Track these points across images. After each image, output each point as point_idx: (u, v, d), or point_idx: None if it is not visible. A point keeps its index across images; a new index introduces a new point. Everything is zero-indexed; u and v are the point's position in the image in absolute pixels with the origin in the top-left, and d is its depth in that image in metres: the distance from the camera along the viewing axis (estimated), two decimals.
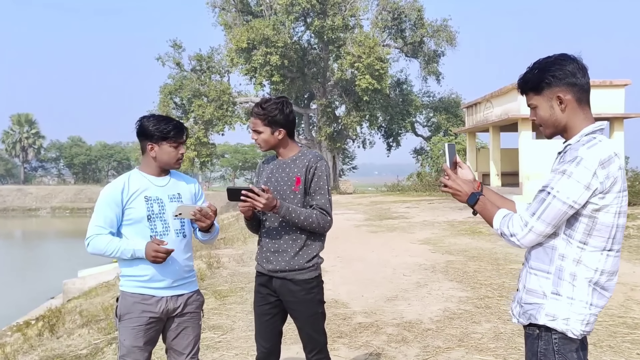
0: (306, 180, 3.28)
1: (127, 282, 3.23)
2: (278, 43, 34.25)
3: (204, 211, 3.18)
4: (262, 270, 3.38)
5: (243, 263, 10.43)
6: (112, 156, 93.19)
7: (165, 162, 3.27)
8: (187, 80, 38.01)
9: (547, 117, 2.42)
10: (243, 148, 71.36)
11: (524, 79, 2.47)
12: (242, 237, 14.24)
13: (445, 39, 40.38)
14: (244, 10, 39.16)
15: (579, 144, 2.31)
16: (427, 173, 37.00)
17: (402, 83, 44.28)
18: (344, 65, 35.74)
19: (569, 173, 2.24)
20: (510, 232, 2.35)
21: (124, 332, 3.19)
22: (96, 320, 6.89)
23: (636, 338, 5.49)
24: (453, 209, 20.66)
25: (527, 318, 2.42)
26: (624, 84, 21.61)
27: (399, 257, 10.74)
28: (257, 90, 37.73)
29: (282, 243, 3.29)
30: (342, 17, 35.86)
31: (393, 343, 5.55)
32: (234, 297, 7.62)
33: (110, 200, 3.18)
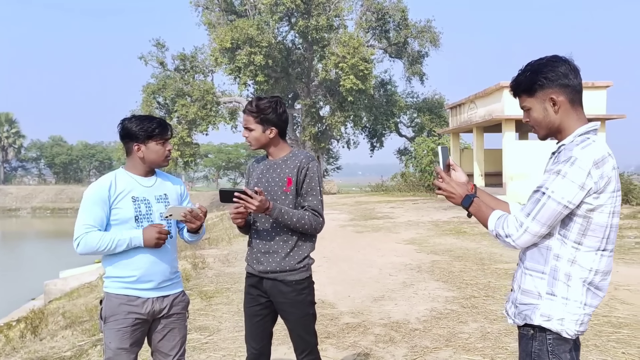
0: (298, 181, 3.25)
1: (112, 283, 3.18)
2: (262, 43, 34.13)
3: (194, 212, 3.15)
4: (252, 271, 3.34)
5: (228, 263, 10.38)
6: (93, 156, 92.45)
7: (154, 160, 3.23)
8: (171, 80, 37.74)
9: (541, 118, 2.42)
10: (227, 148, 71.08)
11: (517, 81, 2.46)
12: (227, 237, 14.17)
13: (429, 40, 40.48)
14: (227, 10, 38.97)
15: (573, 144, 2.31)
16: (411, 173, 37.10)
17: (386, 83, 44.36)
18: (328, 66, 35.71)
19: (563, 173, 2.23)
20: (505, 233, 2.34)
21: (110, 334, 3.13)
22: (80, 322, 6.80)
23: (621, 337, 5.52)
24: (437, 209, 20.73)
25: (522, 318, 2.42)
26: (605, 86, 21.84)
27: (384, 257, 10.74)
28: (241, 90, 37.59)
29: (272, 244, 3.25)
30: (326, 17, 35.81)
31: (381, 343, 5.53)
32: (220, 297, 7.57)
33: (98, 198, 3.12)
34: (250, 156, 71.18)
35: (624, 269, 9.04)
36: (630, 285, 7.74)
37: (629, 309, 6.55)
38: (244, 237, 14.33)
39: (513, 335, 5.67)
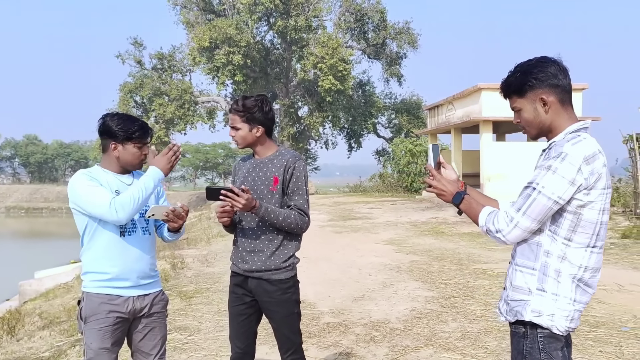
0: (284, 180, 3.24)
1: (92, 282, 3.12)
2: (241, 43, 34.05)
3: (176, 212, 3.12)
4: (237, 270, 3.33)
5: (207, 264, 10.33)
6: (69, 155, 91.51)
7: (128, 162, 3.18)
8: (148, 79, 37.46)
9: (532, 118, 2.45)
10: (204, 148, 70.71)
11: (507, 82, 2.49)
12: (206, 237, 14.11)
13: (407, 41, 40.69)
14: (206, 9, 38.78)
15: (563, 141, 2.33)
16: (389, 174, 37.22)
17: (364, 84, 44.50)
18: (307, 66, 35.74)
19: (554, 169, 2.26)
20: (495, 228, 2.36)
21: (90, 334, 3.08)
22: (57, 322, 6.73)
23: (598, 336, 5.59)
24: (415, 209, 20.82)
25: (513, 315, 2.44)
26: (581, 88, 22.10)
27: (364, 257, 10.77)
28: (219, 90, 37.49)
29: (258, 243, 3.24)
30: (305, 17, 35.83)
31: (362, 343, 5.55)
32: (199, 297, 7.54)
33: (93, 180, 3.07)
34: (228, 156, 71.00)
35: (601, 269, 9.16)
36: (606, 285, 7.84)
37: (605, 308, 6.64)
38: (222, 237, 14.31)
39: (492, 334, 5.73)
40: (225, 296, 7.57)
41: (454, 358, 5.09)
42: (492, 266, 9.53)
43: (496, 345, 5.39)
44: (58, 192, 60.52)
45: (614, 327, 5.89)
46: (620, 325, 5.96)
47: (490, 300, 7.09)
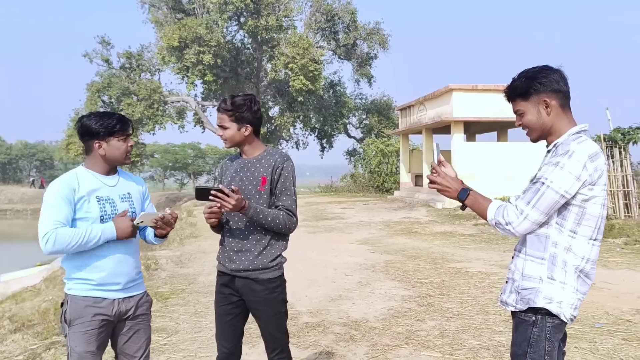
0: (272, 181, 3.23)
1: (76, 285, 3.07)
2: (211, 42, 33.80)
3: (165, 219, 3.09)
4: (224, 270, 3.31)
5: (182, 264, 10.24)
6: (34, 155, 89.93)
7: (116, 157, 3.14)
8: (116, 78, 36.92)
9: (535, 120, 2.61)
10: (173, 148, 70.05)
11: (513, 86, 2.64)
12: (179, 238, 13.99)
13: (378, 42, 40.81)
14: (175, 8, 38.41)
15: (569, 140, 2.50)
16: (360, 174, 37.37)
17: (335, 85, 44.52)
18: (277, 66, 35.65)
19: (561, 165, 2.41)
20: (505, 220, 2.48)
21: (75, 337, 3.02)
22: (30, 325, 6.58)
23: (572, 332, 5.68)
24: (388, 209, 20.95)
25: (525, 302, 2.54)
26: None
27: (339, 257, 10.79)
28: (189, 90, 37.15)
29: (245, 243, 3.23)
30: (276, 17, 35.73)
31: (341, 342, 5.56)
32: (175, 299, 7.46)
33: (64, 195, 3.00)
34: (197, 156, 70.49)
35: None
36: None
37: None
38: (195, 237, 14.23)
39: (470, 332, 5.79)
40: (202, 297, 7.57)
41: (434, 356, 5.12)
42: (466, 265, 9.62)
43: (474, 342, 5.44)
44: (22, 194, 59.37)
45: (587, 324, 6.01)
46: (594, 322, 6.08)
47: (466, 299, 7.16)
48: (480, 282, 8.14)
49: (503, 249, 11.49)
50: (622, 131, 15.82)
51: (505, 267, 9.15)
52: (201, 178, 73.53)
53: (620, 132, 15.80)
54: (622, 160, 15.66)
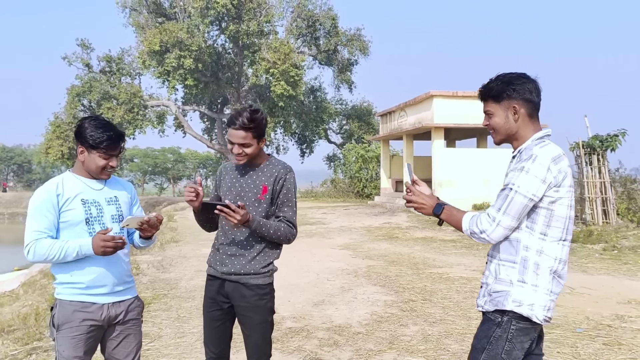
0: (274, 191, 3.24)
1: (65, 289, 3.06)
2: (192, 46, 33.69)
3: (151, 222, 3.08)
4: (215, 274, 3.30)
5: (163, 269, 10.18)
6: (11, 159, 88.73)
7: (91, 169, 3.12)
8: (96, 82, 36.61)
9: (502, 124, 2.71)
10: (153, 152, 69.55)
11: (488, 87, 2.73)
12: (159, 242, 13.89)
13: (359, 48, 40.95)
14: (156, 12, 38.25)
15: (532, 145, 2.60)
16: (340, 180, 37.41)
17: (316, 90, 44.58)
18: (258, 71, 35.60)
19: (527, 169, 2.50)
20: (480, 229, 2.56)
21: (63, 342, 3.01)
22: (10, 331, 6.50)
23: (554, 337, 5.75)
24: (368, 214, 20.99)
25: (494, 304, 2.63)
26: None
27: (320, 262, 10.79)
28: (170, 94, 36.98)
29: (239, 248, 3.23)
30: (257, 22, 35.69)
31: (325, 347, 5.57)
32: (157, 304, 7.42)
33: (48, 203, 3.01)
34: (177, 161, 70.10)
35: None
36: None
37: (560, 310, 6.83)
38: (176, 242, 14.14)
39: (453, 337, 5.83)
40: (184, 302, 7.53)
41: None
42: (447, 270, 9.68)
43: (457, 347, 5.48)
44: (0, 197, 58.61)
45: (568, 329, 6.08)
46: (575, 327, 6.15)
47: (448, 304, 7.21)
48: (462, 288, 8.20)
49: (483, 254, 11.57)
50: (600, 138, 16.04)
51: None
52: (181, 182, 73.13)
53: (599, 139, 16.02)
54: (600, 167, 15.87)
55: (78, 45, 37.47)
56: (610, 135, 16.06)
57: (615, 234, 13.45)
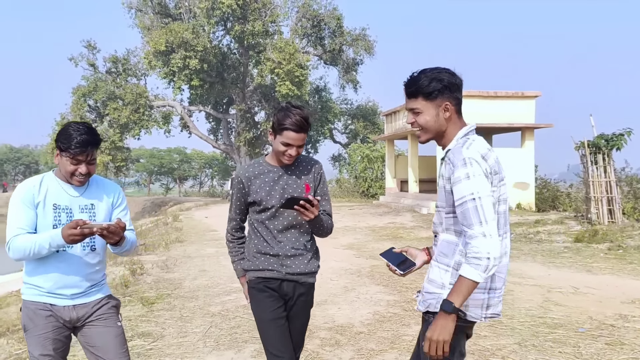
0: (314, 187, 3.33)
1: (28, 290, 3.10)
2: (197, 47, 33.77)
3: (111, 228, 2.93)
4: (275, 275, 3.28)
5: (167, 269, 10.21)
6: (19, 159, 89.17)
7: (63, 173, 3.10)
8: (102, 83, 36.72)
9: (432, 122, 2.60)
10: (159, 153, 69.65)
11: (418, 83, 2.58)
12: (164, 242, 13.94)
13: (364, 48, 40.91)
14: (162, 13, 38.34)
15: (458, 147, 2.52)
16: (345, 179, 37.43)
17: (321, 90, 44.62)
18: (264, 71, 35.63)
19: (471, 174, 2.42)
20: (485, 257, 2.32)
21: (31, 341, 3.06)
22: (15, 330, 6.54)
23: (557, 337, 5.74)
24: (373, 214, 20.99)
25: (425, 306, 2.60)
26: (534, 95, 22.64)
27: (324, 262, 10.69)
28: (175, 95, 37.05)
29: (297, 248, 3.29)
30: (262, 22, 35.73)
31: (327, 347, 5.58)
32: (161, 303, 7.44)
33: (26, 199, 3.01)
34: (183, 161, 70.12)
35: (555, 272, 9.41)
36: (562, 288, 8.07)
37: (562, 310, 6.83)
38: (181, 242, 14.18)
39: None
40: (188, 302, 7.54)
41: None
42: None
43: None
44: (7, 197, 58.84)
45: (571, 329, 6.06)
46: (577, 327, 6.14)
47: None
48: None
49: None
50: (605, 137, 15.97)
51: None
52: (187, 183, 73.21)
53: (604, 138, 15.95)
54: (606, 167, 15.82)
55: (84, 46, 37.60)
56: (616, 135, 15.98)
57: (620, 234, 13.41)
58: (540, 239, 13.67)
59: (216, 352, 5.44)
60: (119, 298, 3.48)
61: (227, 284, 8.60)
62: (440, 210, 2.64)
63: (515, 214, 19.18)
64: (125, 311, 6.96)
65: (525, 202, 21.98)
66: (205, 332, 6.10)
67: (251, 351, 5.45)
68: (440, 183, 2.59)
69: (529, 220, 17.05)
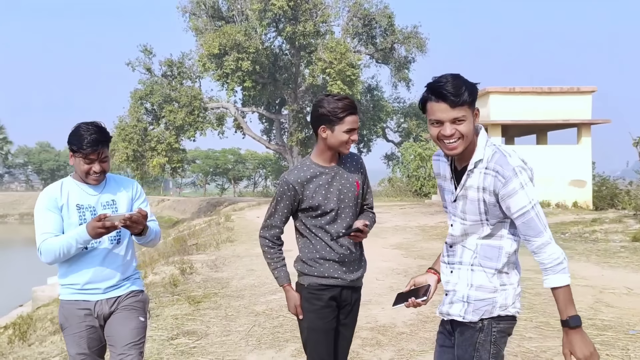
0: (362, 182, 3.32)
1: (64, 289, 3.23)
2: (250, 49, 34.18)
3: (133, 217, 3.03)
4: (340, 283, 3.23)
5: (216, 268, 10.40)
6: None
7: (79, 173, 3.19)
8: (158, 86, 37.56)
9: (471, 130, 2.45)
10: (214, 154, 70.75)
11: (465, 90, 2.39)
12: (215, 242, 14.18)
13: (416, 46, 40.60)
14: (215, 16, 38.93)
15: (499, 156, 2.45)
16: (398, 178, 37.22)
17: (373, 89, 44.48)
18: (315, 71, 35.80)
19: (524, 183, 2.39)
20: (563, 258, 2.42)
21: (68, 341, 3.19)
22: None
23: (605, 339, 5.60)
24: (424, 214, 20.83)
25: (479, 314, 2.54)
26: (590, 91, 22.04)
27: (371, 261, 10.67)
28: (229, 96, 37.57)
29: (355, 253, 3.28)
30: (313, 23, 35.90)
31: (367, 347, 5.60)
32: (207, 302, 7.60)
33: (49, 204, 3.14)
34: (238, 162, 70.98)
35: (609, 273, 9.16)
36: (615, 289, 7.85)
37: (614, 311, 6.65)
38: (232, 242, 14.40)
39: None
40: (233, 301, 7.67)
41: None
42: None
43: None
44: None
45: (621, 331, 5.90)
46: (628, 329, 5.96)
47: None
48: None
49: None
50: None
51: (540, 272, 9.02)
52: (241, 183, 74.07)
53: None
54: None
55: (141, 51, 38.55)
56: None
57: None
58: (596, 238, 13.30)
59: (257, 350, 5.53)
60: (167, 296, 3.58)
61: (273, 283, 8.66)
62: (466, 222, 2.58)
63: (571, 213, 18.73)
64: (173, 310, 7.15)
65: (582, 200, 21.43)
66: (249, 331, 6.21)
67: (292, 350, 5.52)
68: (471, 195, 2.49)
69: (585, 219, 16.61)
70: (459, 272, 2.63)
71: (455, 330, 2.65)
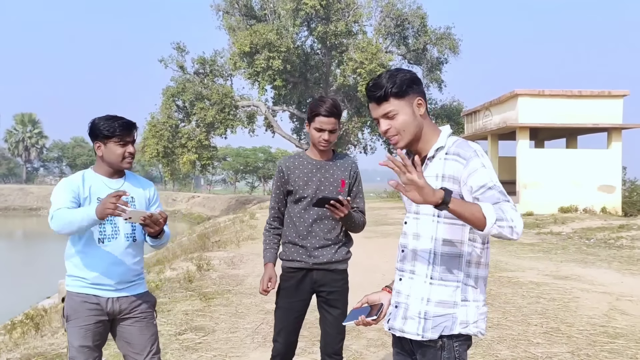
0: (350, 184, 3.51)
1: (73, 281, 3.23)
2: (281, 48, 34.28)
3: (154, 217, 3.04)
4: (302, 265, 3.48)
5: (233, 266, 10.46)
6: None
7: (112, 161, 3.21)
8: (190, 83, 37.89)
9: (411, 121, 2.31)
10: (245, 152, 71.27)
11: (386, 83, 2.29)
12: (236, 240, 14.27)
13: (448, 47, 40.30)
14: (247, 15, 39.17)
15: (460, 142, 2.32)
16: None
17: None
18: (346, 71, 35.78)
19: (486, 165, 2.22)
20: (510, 217, 2.06)
21: (72, 332, 3.18)
22: None
23: (615, 347, 5.49)
24: None
25: (438, 331, 2.29)
26: (622, 95, 21.62)
27: (389, 262, 10.74)
28: (260, 95, 37.74)
29: (326, 241, 3.47)
30: (345, 23, 35.90)
31: (372, 347, 5.57)
32: (219, 299, 7.64)
33: (69, 188, 3.17)
34: (268, 160, 71.36)
35: (629, 280, 8.98)
36: (633, 296, 7.69)
37: (628, 319, 6.51)
38: (253, 240, 14.46)
39: (506, 342, 5.68)
40: (245, 298, 7.70)
41: None
42: (517, 274, 9.41)
43: (507, 353, 5.34)
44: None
45: (633, 339, 5.77)
46: None
47: (509, 309, 7.02)
48: (528, 293, 7.95)
49: (561, 259, 11.15)
50: None
51: (560, 278, 8.90)
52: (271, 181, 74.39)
53: None
54: None
55: (174, 48, 38.96)
56: None
57: None
58: (621, 244, 13.05)
59: (262, 348, 5.54)
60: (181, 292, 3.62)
61: None
62: (419, 217, 2.37)
63: (598, 218, 18.39)
64: (184, 306, 7.21)
65: (611, 205, 21.03)
66: (256, 328, 6.23)
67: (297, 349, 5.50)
68: (434, 185, 2.15)
69: (612, 225, 16.30)
70: (410, 282, 2.37)
71: (417, 352, 2.38)
